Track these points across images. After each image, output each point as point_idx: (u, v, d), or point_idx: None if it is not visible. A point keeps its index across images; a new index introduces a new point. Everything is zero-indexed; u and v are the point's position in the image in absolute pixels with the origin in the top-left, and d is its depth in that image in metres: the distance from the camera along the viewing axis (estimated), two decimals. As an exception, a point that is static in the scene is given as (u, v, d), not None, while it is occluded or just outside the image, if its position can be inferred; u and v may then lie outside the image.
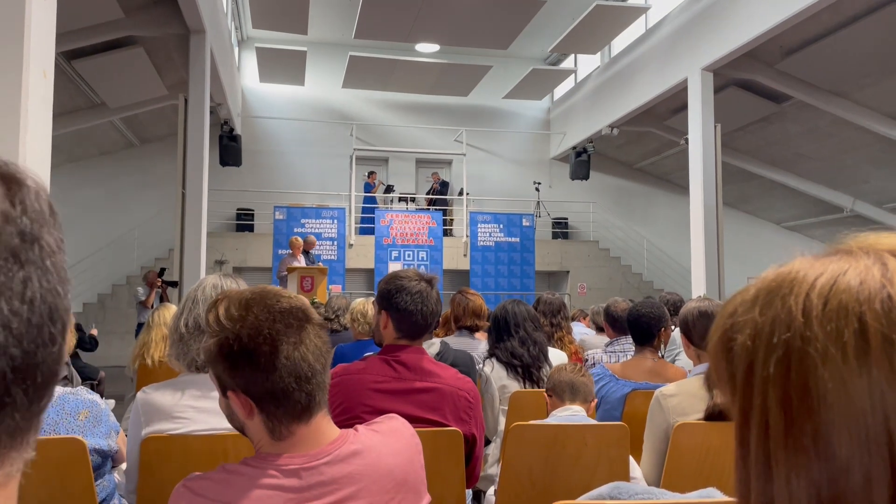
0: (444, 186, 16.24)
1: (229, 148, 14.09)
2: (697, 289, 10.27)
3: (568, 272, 16.00)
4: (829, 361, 0.43)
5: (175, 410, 1.92)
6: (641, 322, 3.30)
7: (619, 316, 4.00)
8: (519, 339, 3.36)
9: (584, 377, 2.63)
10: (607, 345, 4.07)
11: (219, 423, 1.94)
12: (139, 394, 1.94)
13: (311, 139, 16.47)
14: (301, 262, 10.64)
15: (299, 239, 10.99)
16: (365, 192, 15.82)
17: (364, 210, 15.78)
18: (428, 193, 16.35)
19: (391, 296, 2.17)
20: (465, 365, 2.96)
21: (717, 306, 2.69)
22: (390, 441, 1.24)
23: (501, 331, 3.42)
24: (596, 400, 2.68)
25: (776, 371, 0.45)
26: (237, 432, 1.97)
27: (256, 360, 1.16)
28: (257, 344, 1.16)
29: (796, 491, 0.45)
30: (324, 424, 1.22)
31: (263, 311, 1.18)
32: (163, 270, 10.23)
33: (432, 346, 2.92)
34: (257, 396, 1.18)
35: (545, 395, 2.70)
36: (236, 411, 1.20)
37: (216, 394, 1.93)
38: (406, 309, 2.16)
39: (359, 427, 1.26)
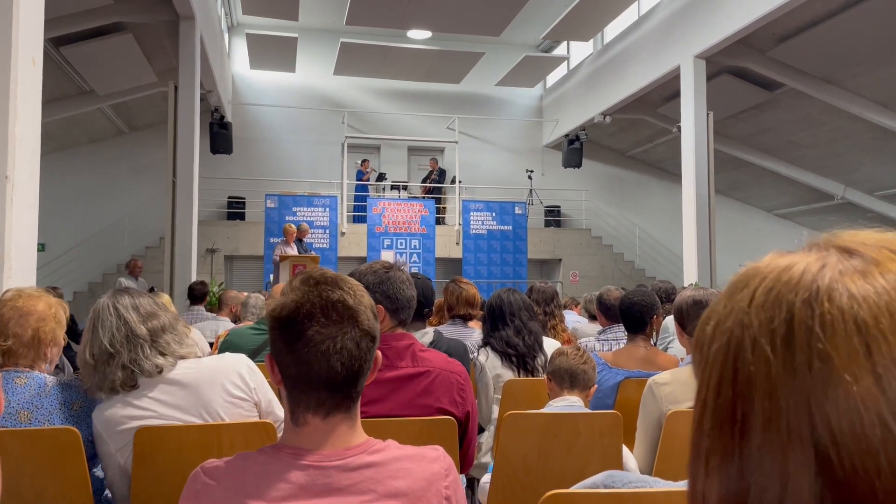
0: (441, 175, 16.20)
1: (220, 135, 14.00)
2: (689, 276, 10.32)
3: (560, 260, 16.04)
4: (757, 349, 0.44)
5: (134, 409, 1.95)
6: (634, 310, 3.31)
7: (612, 304, 4.02)
8: (514, 328, 3.37)
9: (585, 364, 2.64)
10: (600, 333, 4.09)
11: (184, 417, 1.97)
12: (93, 418, 1.97)
13: (302, 127, 16.38)
14: (294, 250, 10.61)
15: (293, 226, 10.95)
16: (357, 180, 15.77)
17: (356, 198, 15.73)
18: (425, 180, 16.31)
19: (386, 288, 2.22)
20: (458, 353, 2.96)
21: (711, 295, 2.71)
22: (412, 465, 1.24)
23: (496, 320, 3.42)
24: (596, 385, 2.69)
25: (716, 356, 0.47)
26: (226, 422, 2.01)
27: (286, 332, 1.22)
28: (293, 318, 1.22)
29: (710, 487, 0.46)
30: (343, 427, 1.24)
31: (315, 293, 1.24)
32: (151, 289, 10.18)
33: (426, 335, 2.92)
34: (282, 369, 1.24)
35: (546, 378, 2.72)
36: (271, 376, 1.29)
37: (174, 388, 1.96)
38: (405, 298, 2.21)
39: (391, 441, 1.27)
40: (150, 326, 2.01)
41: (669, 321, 4.67)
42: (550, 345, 3.58)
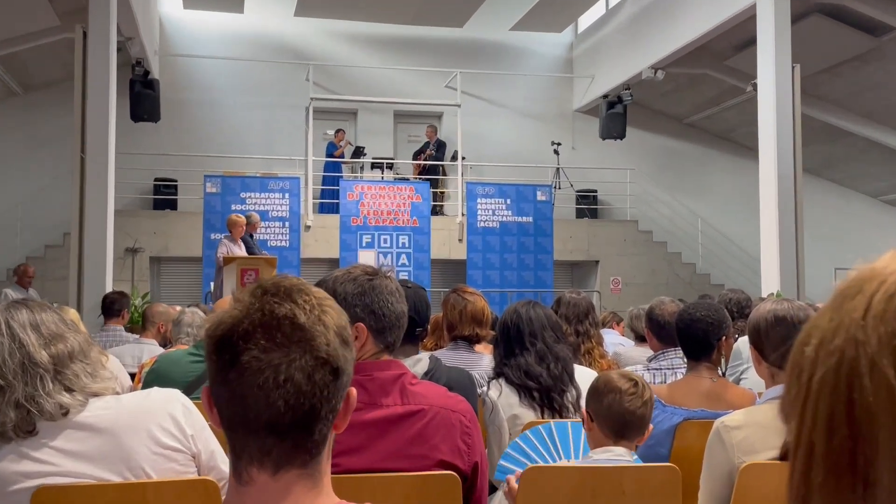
0: (440, 149, 16.22)
1: (143, 97, 14.00)
2: (769, 284, 10.33)
3: (597, 262, 16.04)
4: (878, 372, 0.44)
5: (31, 463, 1.95)
6: (695, 329, 3.31)
7: (667, 321, 4.01)
8: (536, 353, 3.37)
9: (644, 406, 2.63)
10: (650, 359, 4.09)
11: (98, 473, 1.96)
12: None
13: (253, 86, 16.39)
14: (242, 249, 10.63)
15: (241, 217, 10.96)
16: (327, 157, 15.77)
17: (326, 181, 15.72)
18: (418, 155, 16.33)
19: (370, 300, 2.23)
20: (462, 387, 2.97)
21: (800, 309, 2.71)
22: None
23: (512, 342, 3.42)
24: (651, 427, 2.69)
25: (822, 386, 0.47)
26: (154, 480, 2.00)
27: (220, 358, 1.24)
28: (227, 339, 1.23)
29: None
30: (299, 489, 1.24)
31: (258, 307, 1.25)
32: None
33: (418, 362, 2.93)
34: (218, 406, 1.26)
35: (584, 416, 2.72)
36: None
37: (85, 435, 1.96)
38: (394, 314, 2.24)
39: None
40: (55, 352, 2.00)
41: (743, 344, 4.67)
42: (586, 375, 3.58)
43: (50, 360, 1.99)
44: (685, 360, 3.51)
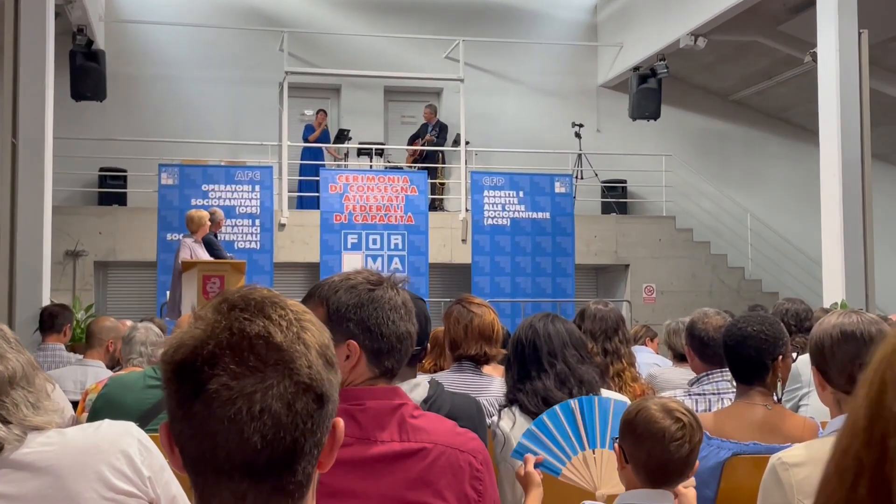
0: (442, 133, 16.23)
1: (86, 71, 14.01)
2: (833, 292, 10.32)
3: (627, 266, 16.04)
4: None
5: None
6: (746, 347, 3.31)
7: (711, 337, 4.00)
8: (556, 375, 3.36)
9: (691, 453, 2.59)
10: (692, 383, 4.08)
11: None
12: None
13: (216, 57, 16.40)
14: (202, 252, 10.63)
15: (203, 213, 10.96)
16: (304, 141, 15.78)
17: (303, 170, 15.73)
18: (415, 140, 16.33)
19: (367, 314, 2.19)
20: (468, 416, 2.97)
21: (870, 323, 2.71)
22: None
23: (528, 363, 3.42)
24: (697, 467, 2.69)
25: None
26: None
27: (182, 387, 1.22)
28: (189, 364, 1.22)
29: None
30: None
31: (225, 325, 1.24)
32: None
33: (417, 387, 2.93)
34: (181, 445, 1.25)
35: (615, 451, 2.71)
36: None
37: (23, 476, 1.95)
38: (396, 334, 2.21)
39: None
40: None
41: (802, 364, 4.66)
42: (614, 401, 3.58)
43: None
44: (734, 383, 3.50)
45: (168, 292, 11.21)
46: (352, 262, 14.10)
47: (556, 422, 3.12)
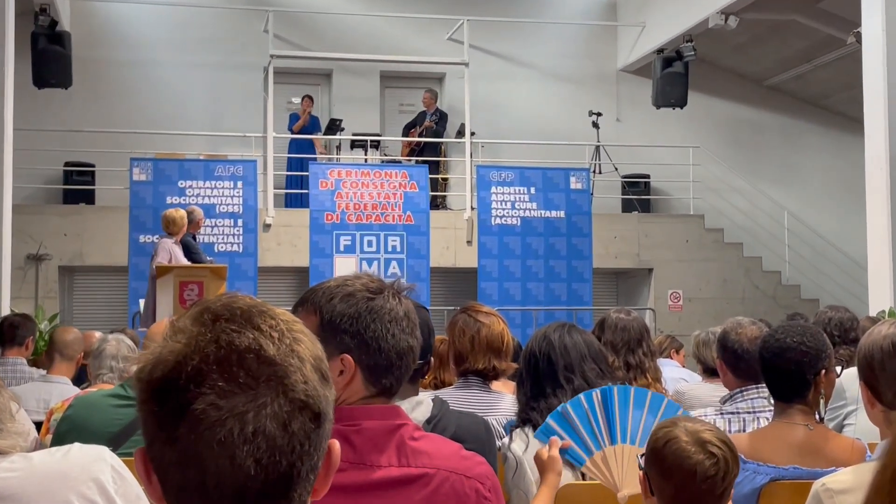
0: (441, 121, 16.22)
1: (50, 55, 14.00)
2: (880, 298, 10.30)
3: (650, 271, 16.02)
4: None
5: None
6: (785, 361, 3.30)
7: (746, 350, 3.97)
8: (573, 392, 3.37)
9: (727, 487, 2.57)
10: (725, 400, 4.07)
11: None
12: None
13: (194, 39, 16.40)
14: (179, 255, 10.63)
15: (183, 212, 10.96)
16: (290, 132, 15.77)
17: (291, 165, 15.71)
18: (410, 129, 16.31)
19: (365, 326, 2.18)
20: (475, 438, 2.96)
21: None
22: None
23: (542, 378, 3.43)
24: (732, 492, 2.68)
25: None
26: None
27: (162, 408, 1.21)
28: (171, 383, 1.21)
29: None
30: None
31: (211, 338, 1.24)
32: None
33: (419, 405, 2.92)
34: (161, 474, 1.24)
35: (640, 479, 2.70)
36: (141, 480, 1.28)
37: None
38: (397, 349, 2.20)
39: None
40: None
41: (848, 379, 4.66)
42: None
43: None
44: (771, 401, 3.49)
45: (142, 300, 11.21)
46: (345, 266, 14.09)
47: (579, 412, 3.14)
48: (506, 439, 3.45)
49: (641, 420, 3.20)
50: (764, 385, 3.58)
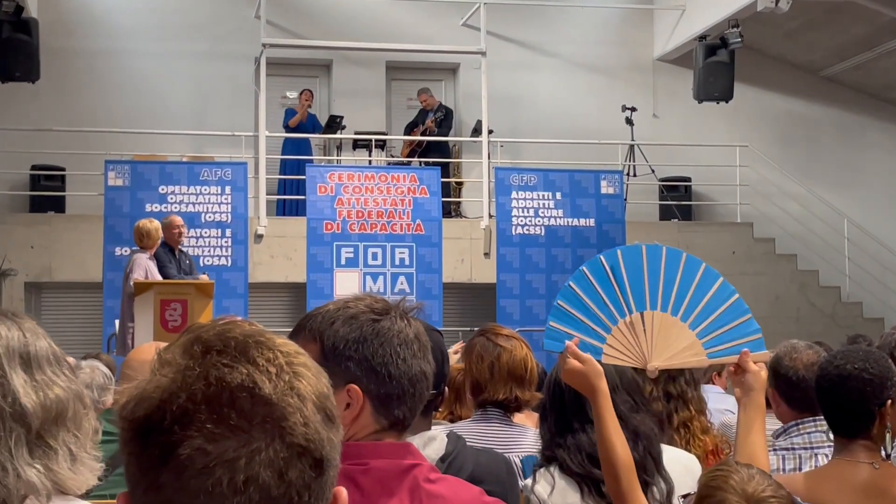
0: (446, 119, 16.24)
1: (15, 45, 14.02)
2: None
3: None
4: None
5: None
6: (847, 390, 3.29)
7: (802, 377, 3.98)
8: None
9: None
10: (778, 434, 4.06)
11: None
12: None
13: (177, 27, 16.45)
14: (155, 272, 10.65)
15: (156, 223, 10.98)
16: (284, 129, 15.78)
17: (286, 167, 15.72)
18: (412, 129, 16.32)
19: (372, 352, 2.18)
20: (496, 479, 2.96)
21: None
22: None
23: (568, 412, 3.42)
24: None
25: None
26: None
27: (146, 450, 1.22)
28: (155, 423, 1.21)
29: None
30: None
31: (200, 373, 1.23)
32: None
33: (432, 441, 2.93)
34: None
35: None
36: None
37: None
38: (409, 375, 2.19)
39: None
40: (46, 402, 1.98)
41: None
42: (678, 461, 3.57)
43: (41, 409, 1.97)
44: (830, 435, 3.48)
45: (117, 321, 11.23)
46: (346, 281, 14.10)
47: (585, 286, 3.11)
48: (528, 480, 3.44)
49: (660, 279, 3.17)
50: (822, 417, 3.57)
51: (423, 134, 16.15)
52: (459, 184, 16.40)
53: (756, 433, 3.07)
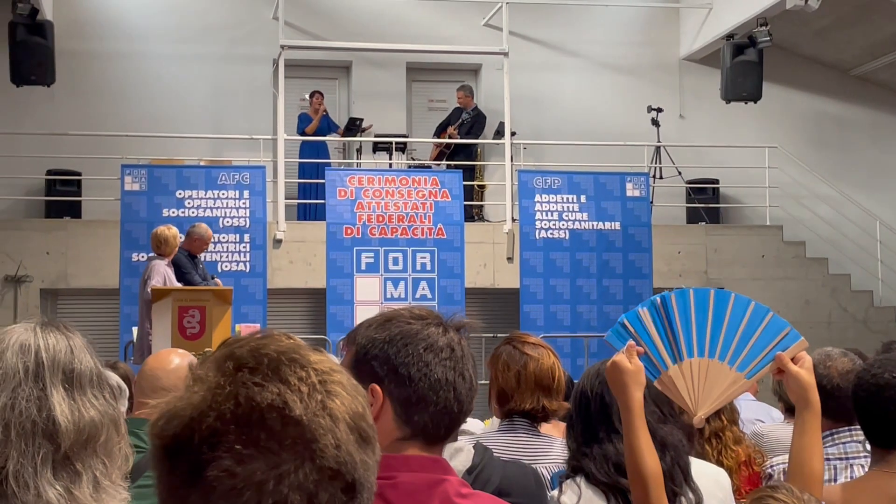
0: (478, 121, 16.22)
1: (30, 48, 14.09)
2: None
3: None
4: None
5: None
6: (883, 399, 3.27)
7: (837, 386, 3.97)
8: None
9: None
10: (812, 444, 4.05)
11: None
12: None
13: (194, 29, 16.51)
14: (174, 279, 10.67)
15: (174, 230, 11.00)
16: (300, 134, 15.79)
17: (304, 170, 15.74)
18: (442, 131, 16.31)
19: (395, 351, 2.19)
20: (524, 491, 2.98)
21: None
22: None
23: (595, 422, 3.42)
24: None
25: None
26: None
27: (175, 468, 1.22)
28: (184, 442, 1.22)
29: None
30: None
31: (230, 392, 1.24)
32: None
33: (459, 452, 2.93)
34: None
35: None
36: None
37: None
38: (430, 380, 2.18)
39: None
40: (81, 423, 1.98)
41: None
42: (706, 474, 3.55)
43: (73, 429, 1.97)
44: (867, 445, 3.46)
45: (135, 328, 11.25)
46: (367, 287, 14.11)
47: (655, 314, 3.14)
48: (555, 492, 3.43)
49: (707, 325, 3.17)
50: (858, 427, 3.55)
51: (455, 135, 16.12)
52: (482, 187, 16.38)
53: (809, 434, 3.06)
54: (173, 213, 13.68)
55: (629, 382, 3.00)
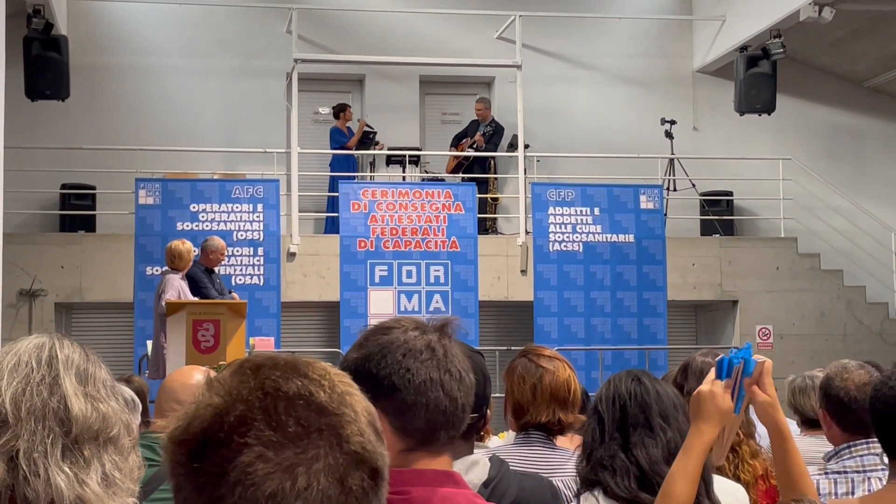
0: (495, 135, 16.24)
1: (44, 63, 14.14)
2: None
3: (735, 303, 15.90)
4: None
5: None
6: (900, 412, 3.26)
7: (854, 398, 3.95)
8: (664, 445, 3.34)
9: None
10: (830, 457, 4.04)
11: None
12: None
13: (207, 42, 16.56)
14: (188, 293, 10.69)
15: (188, 244, 11.02)
16: (333, 148, 15.77)
17: (333, 185, 15.71)
18: (459, 142, 16.32)
19: (375, 365, 2.18)
20: (540, 504, 2.95)
21: None
22: None
23: (628, 425, 3.39)
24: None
25: None
26: None
27: (200, 466, 1.23)
28: (211, 436, 1.23)
29: None
30: None
31: (255, 384, 1.26)
32: None
33: (475, 466, 2.92)
34: None
35: None
36: None
37: None
38: (415, 383, 2.17)
39: None
40: (89, 414, 1.98)
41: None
42: (725, 490, 3.54)
43: (82, 417, 1.98)
44: (885, 458, 3.44)
45: (149, 342, 11.27)
46: (381, 300, 14.12)
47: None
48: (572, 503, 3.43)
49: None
50: (875, 440, 3.53)
51: (471, 147, 16.13)
52: (495, 199, 16.38)
53: (788, 456, 3.09)
54: (187, 226, 13.72)
55: (717, 417, 3.05)
